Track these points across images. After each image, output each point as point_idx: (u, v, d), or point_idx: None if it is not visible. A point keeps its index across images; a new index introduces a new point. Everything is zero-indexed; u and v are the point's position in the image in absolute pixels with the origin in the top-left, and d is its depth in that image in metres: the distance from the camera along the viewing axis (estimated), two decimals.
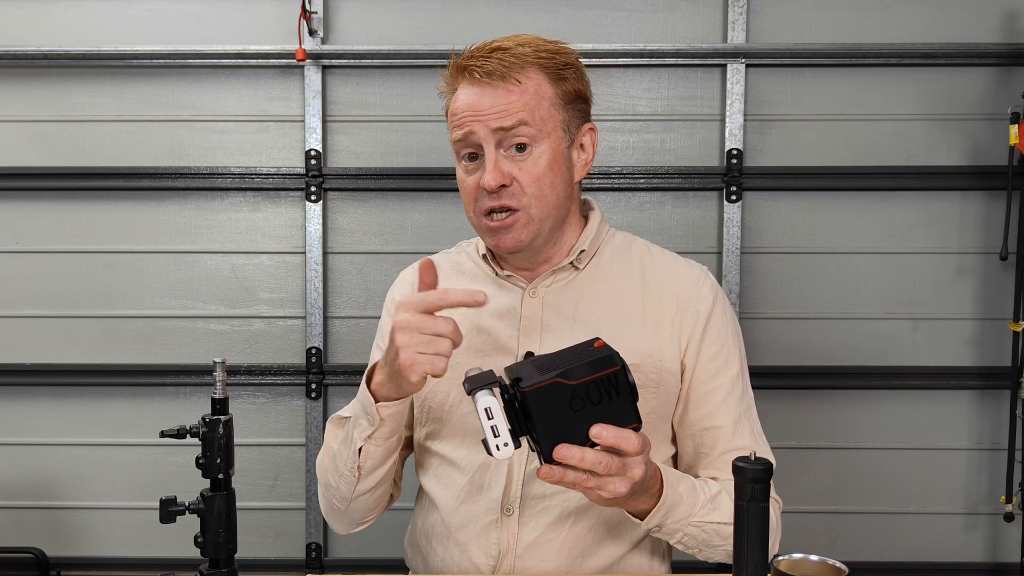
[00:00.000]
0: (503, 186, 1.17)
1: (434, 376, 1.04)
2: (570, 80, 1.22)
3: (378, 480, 1.22)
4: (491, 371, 0.98)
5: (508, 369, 0.99)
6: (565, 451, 0.94)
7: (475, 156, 1.20)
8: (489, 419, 0.93)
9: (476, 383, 0.96)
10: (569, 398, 0.92)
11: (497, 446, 0.94)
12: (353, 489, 1.22)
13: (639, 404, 0.97)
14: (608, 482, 0.97)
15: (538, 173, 1.18)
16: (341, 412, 1.24)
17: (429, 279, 1.09)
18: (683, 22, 2.23)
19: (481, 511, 1.23)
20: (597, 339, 0.97)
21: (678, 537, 1.15)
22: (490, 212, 1.20)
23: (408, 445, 1.36)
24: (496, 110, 1.16)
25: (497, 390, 0.94)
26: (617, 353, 0.93)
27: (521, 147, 1.18)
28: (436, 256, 1.39)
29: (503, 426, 0.93)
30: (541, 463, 0.96)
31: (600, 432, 0.93)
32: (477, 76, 1.17)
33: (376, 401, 1.13)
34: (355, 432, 1.17)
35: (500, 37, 1.22)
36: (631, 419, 0.95)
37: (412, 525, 1.36)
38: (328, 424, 1.26)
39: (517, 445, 0.95)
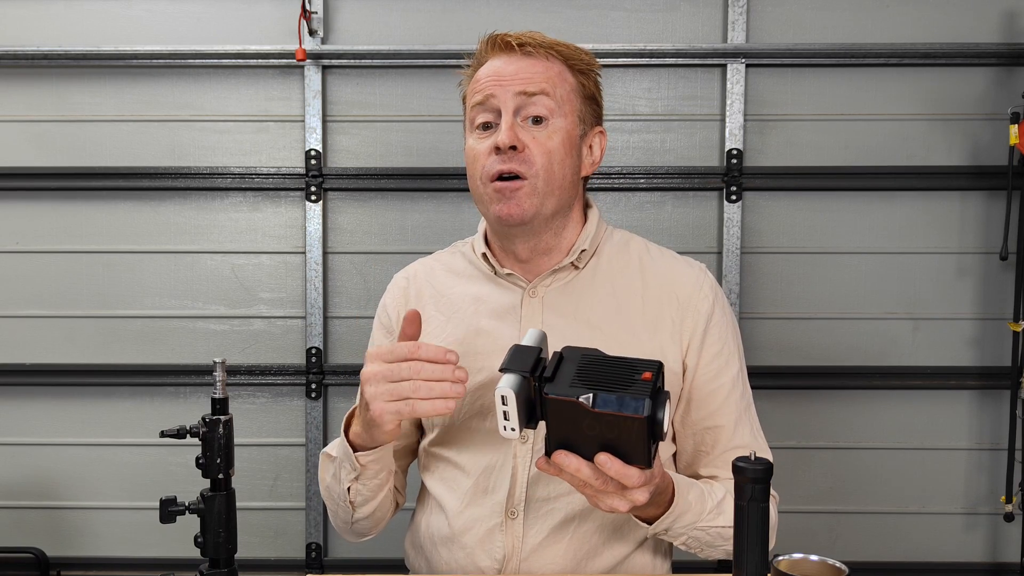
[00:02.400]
0: (513, 148, 1.18)
1: (405, 417, 1.04)
2: (590, 78, 1.26)
3: (373, 509, 1.24)
4: (538, 349, 0.96)
5: (556, 354, 0.96)
6: (564, 458, 0.94)
7: (488, 126, 1.22)
8: (503, 405, 0.93)
9: (509, 364, 0.95)
10: (585, 420, 0.90)
11: (504, 427, 0.94)
12: (351, 517, 1.25)
13: None
14: (605, 495, 0.97)
15: (551, 146, 1.19)
16: (329, 450, 1.25)
17: (411, 331, 1.08)
18: (683, 22, 2.23)
19: (485, 514, 1.22)
20: (652, 368, 0.92)
21: (682, 539, 1.16)
22: (497, 179, 1.19)
23: (411, 452, 1.36)
24: (521, 76, 1.19)
25: (529, 379, 0.94)
26: (651, 400, 0.88)
27: (537, 120, 1.20)
28: (430, 257, 1.39)
29: (514, 415, 0.93)
30: (546, 452, 0.96)
31: (604, 462, 0.92)
32: (512, 44, 1.21)
33: (355, 450, 1.15)
34: (341, 473, 1.19)
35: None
36: (640, 461, 0.92)
37: (415, 526, 1.35)
38: (320, 456, 1.28)
39: (532, 427, 0.96)
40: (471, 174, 1.23)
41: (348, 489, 1.20)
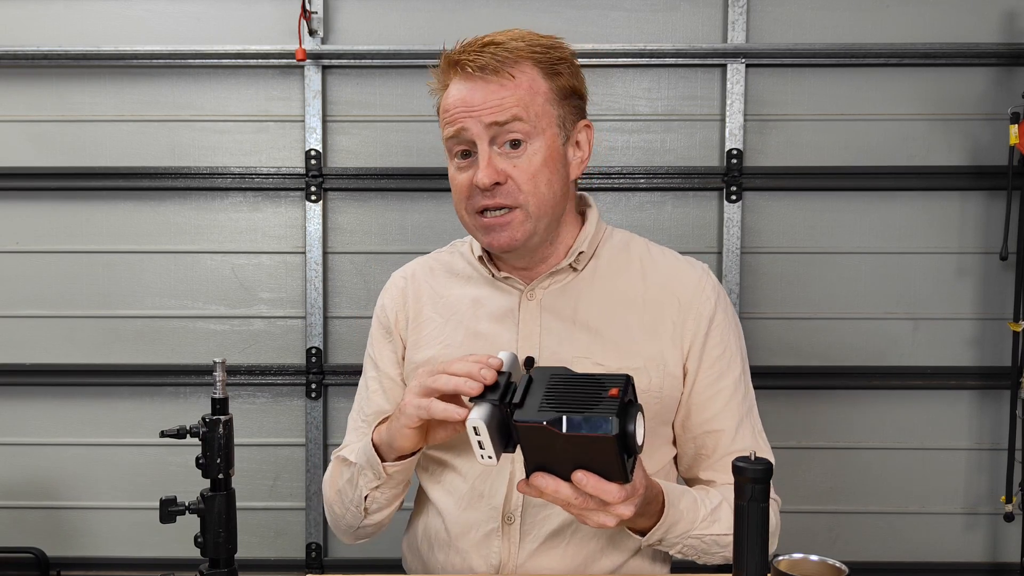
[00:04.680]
0: (497, 184, 1.14)
1: (423, 415, 1.03)
2: (564, 75, 1.19)
3: (383, 517, 1.23)
4: (507, 374, 0.97)
5: (523, 377, 0.96)
6: (541, 480, 0.93)
7: (468, 153, 1.17)
8: (476, 435, 0.93)
9: (478, 394, 0.96)
10: (557, 442, 0.90)
11: (482, 456, 0.94)
12: (360, 522, 1.23)
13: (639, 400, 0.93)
14: (590, 513, 0.95)
15: (533, 170, 1.15)
16: (346, 455, 1.23)
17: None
18: (683, 22, 2.23)
19: (482, 519, 1.21)
20: (619, 384, 0.91)
21: (677, 548, 1.15)
22: (483, 210, 1.17)
23: None
24: (489, 105, 1.13)
25: (501, 406, 0.94)
26: (617, 419, 0.88)
27: (515, 143, 1.15)
28: (428, 257, 1.37)
29: (488, 443, 0.93)
30: (526, 475, 0.95)
31: (581, 479, 0.91)
32: (470, 71, 1.14)
33: (383, 460, 1.14)
34: (361, 480, 1.18)
35: (492, 32, 1.20)
36: (617, 477, 0.92)
37: (411, 529, 1.35)
38: (333, 459, 1.27)
39: (511, 451, 0.96)
40: (456, 201, 1.21)
41: (365, 496, 1.19)
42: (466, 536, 1.22)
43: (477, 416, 0.93)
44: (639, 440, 0.91)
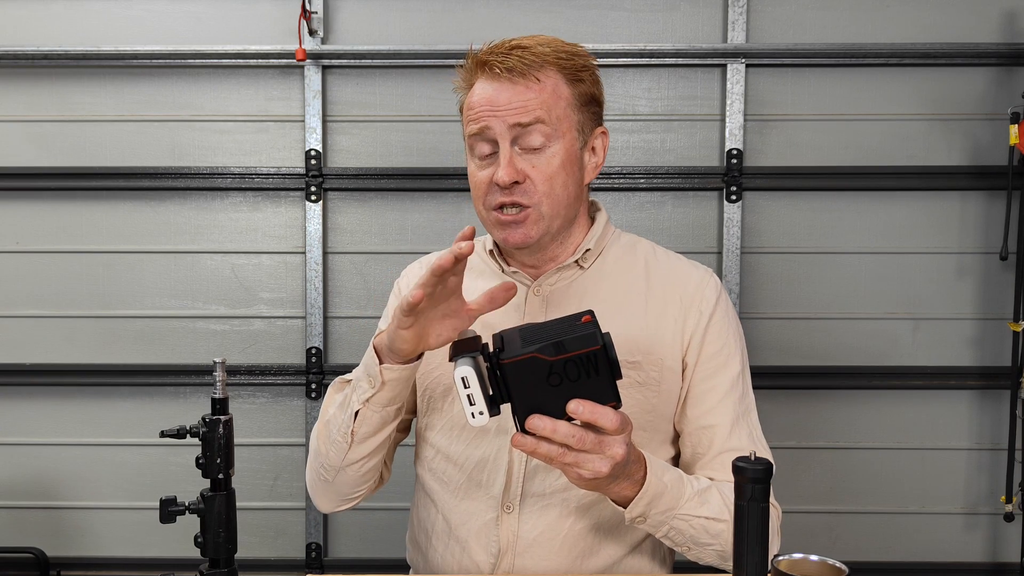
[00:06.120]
0: (516, 183, 1.17)
1: (406, 307, 1.01)
2: (586, 82, 1.23)
3: (369, 451, 1.20)
4: (477, 337, 0.99)
5: (496, 336, 0.99)
6: (537, 421, 0.94)
7: (489, 152, 1.21)
8: (465, 388, 0.93)
9: (459, 350, 0.97)
10: (547, 373, 0.92)
11: (472, 414, 0.95)
12: (343, 457, 1.20)
13: (637, 394, 0.93)
14: (586, 459, 0.96)
15: (551, 172, 1.18)
16: (345, 376, 1.24)
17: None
18: (683, 22, 2.23)
19: (481, 508, 1.23)
20: (587, 313, 0.97)
21: (664, 531, 1.13)
22: (500, 207, 1.20)
23: (404, 428, 1.35)
24: (514, 106, 1.17)
25: (480, 358, 0.95)
26: (600, 332, 0.93)
27: (536, 147, 1.18)
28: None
29: (479, 395, 0.93)
30: (518, 430, 0.96)
31: (576, 407, 0.93)
32: (497, 71, 1.18)
33: (380, 363, 1.12)
34: (354, 395, 1.16)
35: (518, 36, 1.23)
36: (610, 398, 0.94)
37: (410, 522, 1.36)
38: (329, 388, 1.27)
39: (496, 412, 0.96)
40: (474, 196, 1.24)
41: (355, 414, 1.16)
42: (465, 526, 1.23)
43: (464, 366, 0.93)
44: (619, 366, 0.94)
